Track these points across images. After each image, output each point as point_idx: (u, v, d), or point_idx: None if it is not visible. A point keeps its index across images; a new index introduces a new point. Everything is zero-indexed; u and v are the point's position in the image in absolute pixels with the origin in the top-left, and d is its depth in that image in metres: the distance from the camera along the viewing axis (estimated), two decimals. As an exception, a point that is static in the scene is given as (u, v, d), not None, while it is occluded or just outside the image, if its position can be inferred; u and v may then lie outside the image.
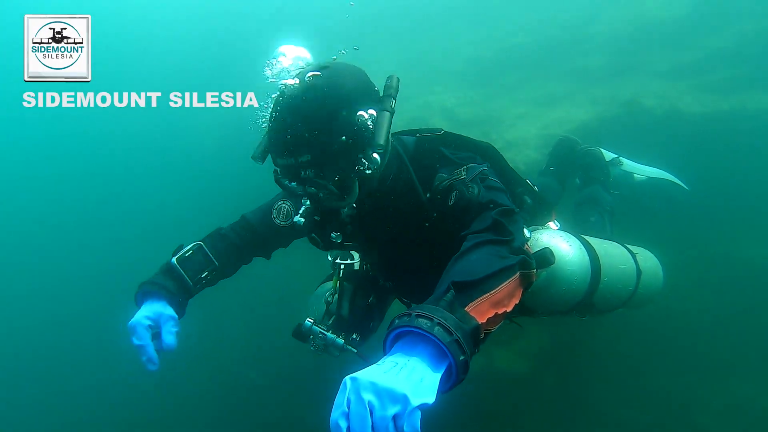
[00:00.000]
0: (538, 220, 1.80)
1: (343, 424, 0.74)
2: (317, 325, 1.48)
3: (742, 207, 2.94)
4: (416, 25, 7.56)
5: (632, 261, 1.88)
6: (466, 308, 0.91)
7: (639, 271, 1.86)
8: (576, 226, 2.14)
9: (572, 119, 4.08)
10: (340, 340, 1.46)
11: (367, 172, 1.29)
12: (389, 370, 0.79)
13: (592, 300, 1.63)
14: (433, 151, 1.49)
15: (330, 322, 1.61)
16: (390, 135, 1.30)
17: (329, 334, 1.46)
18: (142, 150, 6.96)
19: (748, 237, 2.88)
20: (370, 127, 1.28)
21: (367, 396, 0.74)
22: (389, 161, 1.40)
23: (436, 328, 0.83)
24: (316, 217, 1.36)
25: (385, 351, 0.91)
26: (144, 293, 1.51)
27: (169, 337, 1.44)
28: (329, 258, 1.62)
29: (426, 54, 6.85)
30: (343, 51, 1.50)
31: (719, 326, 2.62)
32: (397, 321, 0.89)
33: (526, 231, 1.38)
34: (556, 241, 1.55)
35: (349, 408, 0.74)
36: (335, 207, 1.31)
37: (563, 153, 2.80)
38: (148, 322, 1.41)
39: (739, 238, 2.90)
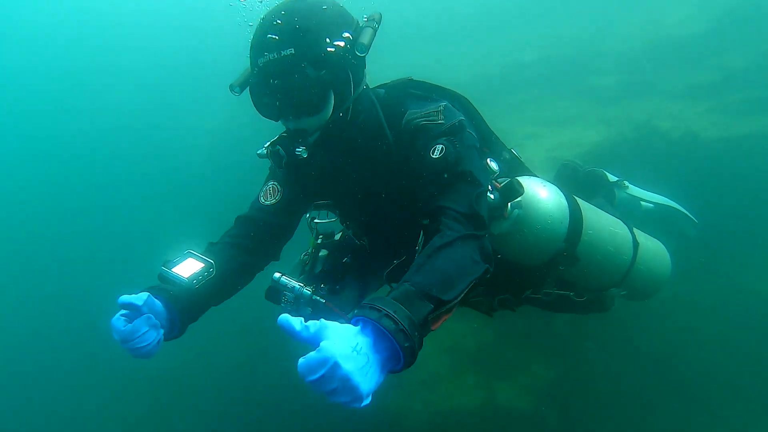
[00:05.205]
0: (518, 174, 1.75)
1: (309, 378, 0.85)
2: (286, 278, 1.48)
3: (760, 237, 2.80)
4: (421, 40, 7.57)
5: (628, 230, 1.82)
6: (430, 322, 1.02)
7: (636, 243, 1.81)
8: None
9: (583, 141, 3.97)
10: (308, 291, 1.46)
11: (344, 92, 1.33)
12: (363, 365, 0.88)
13: (575, 253, 1.57)
14: (401, 92, 1.53)
15: (301, 276, 1.62)
16: (368, 51, 1.34)
17: (297, 286, 1.46)
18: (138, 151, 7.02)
19: (766, 269, 2.73)
20: (354, 39, 1.33)
21: (337, 383, 0.84)
22: (362, 100, 1.43)
23: (406, 343, 0.92)
24: (284, 134, 1.44)
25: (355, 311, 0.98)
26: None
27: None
28: (307, 216, 1.70)
29: (430, 69, 6.81)
30: None
31: (734, 364, 2.46)
32: (368, 311, 0.94)
33: (492, 163, 1.47)
34: (530, 182, 1.51)
35: (318, 375, 0.84)
36: (309, 112, 1.33)
37: (566, 174, 2.75)
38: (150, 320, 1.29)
39: (757, 270, 2.75)
